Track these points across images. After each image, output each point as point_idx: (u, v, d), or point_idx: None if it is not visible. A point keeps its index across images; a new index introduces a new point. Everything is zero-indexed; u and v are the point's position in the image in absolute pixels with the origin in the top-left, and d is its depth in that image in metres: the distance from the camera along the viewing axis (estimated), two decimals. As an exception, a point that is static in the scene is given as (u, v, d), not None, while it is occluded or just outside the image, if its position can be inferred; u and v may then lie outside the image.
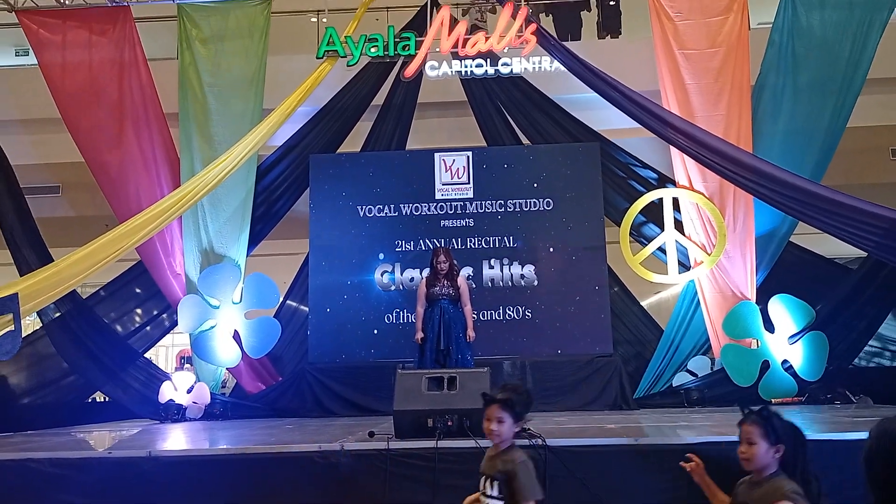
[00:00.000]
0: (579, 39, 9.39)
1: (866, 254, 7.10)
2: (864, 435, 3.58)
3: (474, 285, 7.38)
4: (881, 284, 7.10)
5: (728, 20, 7.77)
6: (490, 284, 7.69)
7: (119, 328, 8.02)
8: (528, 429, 3.89)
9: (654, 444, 3.76)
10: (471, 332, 5.78)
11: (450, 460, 3.69)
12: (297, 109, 7.57)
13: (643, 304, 8.65)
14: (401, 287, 7.72)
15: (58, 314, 7.29)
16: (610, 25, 9.53)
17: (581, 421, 5.45)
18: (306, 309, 8.17)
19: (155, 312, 8.08)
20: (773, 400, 6.94)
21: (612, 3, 9.64)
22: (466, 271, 7.46)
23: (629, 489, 3.59)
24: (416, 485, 3.65)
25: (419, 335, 5.76)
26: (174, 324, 8.07)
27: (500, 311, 7.60)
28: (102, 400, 8.18)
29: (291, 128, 8.32)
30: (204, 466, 3.82)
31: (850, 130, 7.61)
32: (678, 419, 5.45)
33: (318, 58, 7.49)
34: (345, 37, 7.46)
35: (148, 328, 8.11)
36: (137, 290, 8.10)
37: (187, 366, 7.72)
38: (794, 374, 7.03)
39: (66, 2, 8.05)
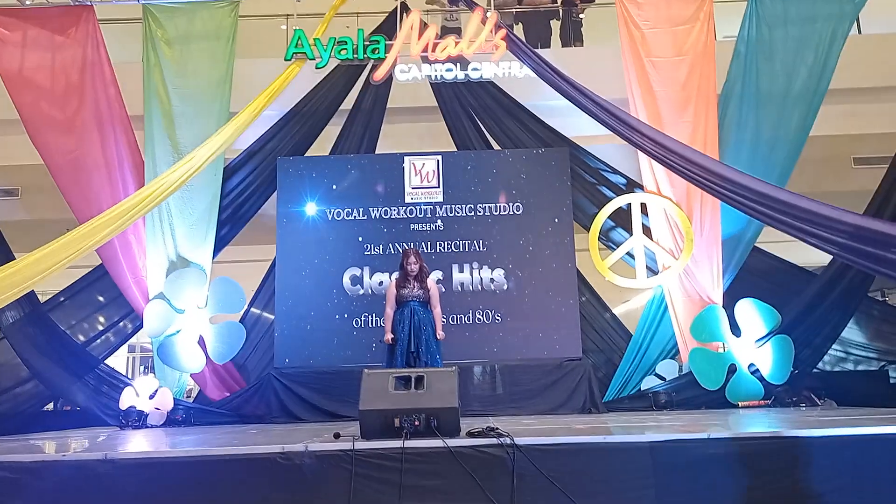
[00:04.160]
0: (549, 47, 9.44)
1: (828, 264, 7.28)
2: (830, 432, 3.65)
3: (444, 289, 7.35)
4: (844, 290, 7.22)
5: (694, 29, 7.89)
6: (460, 288, 7.65)
7: (80, 334, 7.81)
8: (497, 428, 3.86)
9: (622, 442, 3.74)
10: (440, 332, 5.74)
11: (417, 460, 3.61)
12: (265, 113, 7.47)
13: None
14: (370, 291, 7.64)
15: (16, 318, 7.06)
16: (572, 35, 9.61)
17: (550, 423, 5.42)
18: (271, 317, 8.06)
19: (116, 318, 7.88)
20: (740, 403, 7.03)
21: (578, 17, 9.73)
22: (436, 275, 7.42)
23: (597, 486, 3.55)
24: (382, 486, 3.57)
25: (388, 336, 5.70)
26: (136, 329, 7.91)
27: (470, 314, 7.56)
28: (60, 408, 7.95)
29: (258, 131, 8.24)
30: (163, 469, 3.68)
31: (813, 139, 7.76)
32: (646, 421, 5.45)
33: (286, 59, 7.42)
34: (314, 39, 7.41)
35: (109, 333, 7.90)
36: (98, 295, 7.89)
37: (150, 374, 7.53)
38: (761, 378, 7.11)
39: (28, 1, 7.88)
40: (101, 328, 7.91)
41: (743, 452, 3.62)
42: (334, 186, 7.93)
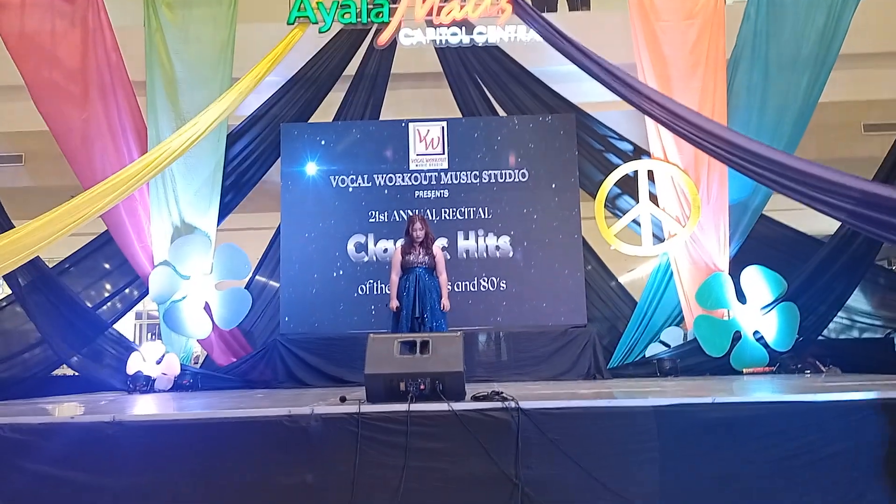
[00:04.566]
0: (555, 11, 9.31)
1: (835, 232, 7.23)
2: (834, 397, 3.66)
3: (449, 256, 7.33)
4: (850, 258, 7.18)
5: (704, -8, 7.75)
6: (465, 256, 7.64)
7: (86, 301, 7.82)
8: (501, 392, 3.87)
9: (626, 406, 3.75)
10: (445, 302, 5.74)
11: (422, 424, 3.63)
12: (268, 78, 7.41)
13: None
14: (374, 258, 7.64)
15: (24, 283, 7.07)
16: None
17: (555, 388, 5.45)
18: (276, 284, 8.08)
19: (122, 284, 7.90)
20: (744, 370, 7.04)
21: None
22: (441, 242, 7.40)
23: (602, 449, 3.57)
24: (387, 448, 3.59)
25: (394, 303, 5.70)
26: (142, 295, 7.93)
27: (475, 282, 7.56)
28: (68, 375, 8.01)
29: (262, 97, 8.17)
30: (170, 431, 3.72)
31: (822, 105, 7.66)
32: (650, 386, 5.47)
33: (288, 24, 7.34)
34: (316, 2, 7.31)
35: (115, 300, 7.93)
36: (103, 262, 7.90)
37: (158, 341, 7.57)
38: (766, 345, 7.11)
39: (26, -37, 7.75)
40: (107, 295, 7.95)
41: (747, 417, 3.62)
42: (338, 153, 7.88)
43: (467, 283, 7.55)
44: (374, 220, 7.73)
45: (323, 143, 7.91)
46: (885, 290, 7.66)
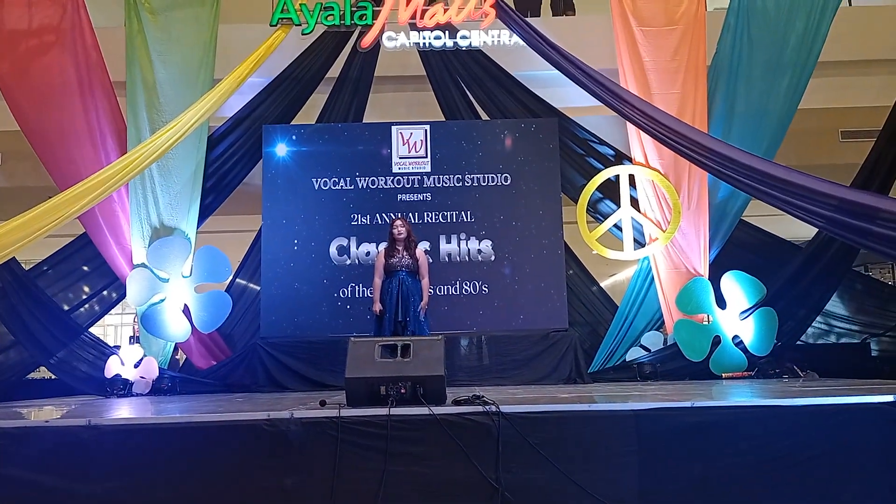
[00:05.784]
0: (539, 16, 9.34)
1: (813, 237, 7.32)
2: (812, 401, 3.69)
3: (431, 260, 7.32)
4: (828, 263, 7.28)
5: (685, -1, 7.82)
6: (447, 259, 7.64)
7: (64, 303, 7.73)
8: (482, 396, 3.87)
9: (606, 410, 3.76)
10: (423, 305, 5.72)
11: (403, 428, 3.62)
12: (250, 80, 7.37)
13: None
14: (356, 261, 7.62)
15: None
16: (563, 3, 9.50)
17: (535, 392, 5.45)
18: (256, 287, 8.01)
19: (100, 286, 7.80)
20: (723, 374, 7.10)
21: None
22: (423, 245, 7.38)
23: (582, 453, 3.57)
24: (367, 452, 3.57)
25: (377, 306, 5.68)
26: (120, 298, 7.84)
27: (457, 285, 7.55)
28: (44, 378, 7.90)
29: (243, 99, 8.11)
30: (147, 435, 3.66)
31: (801, 112, 7.74)
32: (631, 391, 5.49)
33: (271, 25, 7.31)
34: (300, 4, 7.29)
35: (93, 302, 7.83)
36: (81, 264, 7.80)
37: (136, 345, 7.48)
38: (745, 350, 7.17)
39: (3, -39, 7.65)
40: (84, 297, 7.84)
41: (726, 421, 3.65)
42: (321, 155, 7.85)
43: (449, 286, 7.55)
44: (356, 222, 7.70)
45: (305, 145, 7.88)
46: (862, 296, 7.77)
